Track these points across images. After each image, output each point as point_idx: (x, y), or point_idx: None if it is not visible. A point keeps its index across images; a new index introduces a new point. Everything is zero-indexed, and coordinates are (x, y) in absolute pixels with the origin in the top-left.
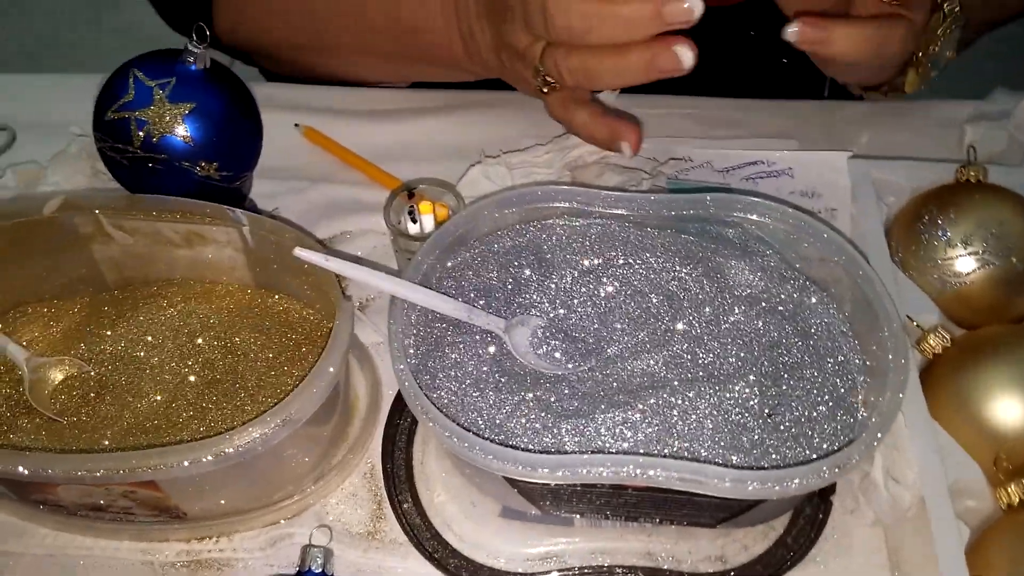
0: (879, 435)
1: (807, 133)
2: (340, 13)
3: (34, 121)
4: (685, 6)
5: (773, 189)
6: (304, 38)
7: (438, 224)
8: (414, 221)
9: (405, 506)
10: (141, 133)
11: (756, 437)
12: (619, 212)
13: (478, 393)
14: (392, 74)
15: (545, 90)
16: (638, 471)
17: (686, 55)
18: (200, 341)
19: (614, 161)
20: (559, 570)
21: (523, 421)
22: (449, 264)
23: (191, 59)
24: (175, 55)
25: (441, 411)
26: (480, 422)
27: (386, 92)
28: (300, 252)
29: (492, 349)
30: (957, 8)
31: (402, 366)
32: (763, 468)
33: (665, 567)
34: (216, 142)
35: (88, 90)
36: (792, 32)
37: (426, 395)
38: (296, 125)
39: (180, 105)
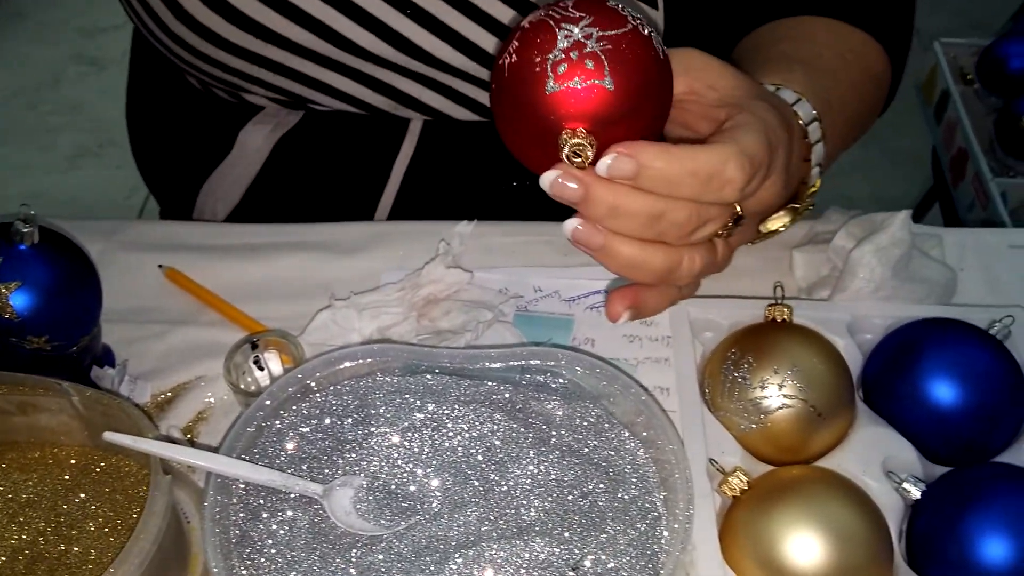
0: None
1: None
2: None
3: None
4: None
5: None
6: None
7: (284, 371)
8: (261, 369)
9: None
10: None
11: None
12: (445, 367)
13: (295, 560)
14: None
15: None
16: None
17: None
18: (30, 511)
19: (463, 298)
20: None
21: None
22: (275, 427)
23: (17, 238)
24: (3, 232)
25: None
26: None
27: (257, 227)
28: (109, 436)
29: (311, 513)
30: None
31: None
32: None
33: None
34: (45, 317)
35: None
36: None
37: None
38: (159, 266)
39: (6, 284)
